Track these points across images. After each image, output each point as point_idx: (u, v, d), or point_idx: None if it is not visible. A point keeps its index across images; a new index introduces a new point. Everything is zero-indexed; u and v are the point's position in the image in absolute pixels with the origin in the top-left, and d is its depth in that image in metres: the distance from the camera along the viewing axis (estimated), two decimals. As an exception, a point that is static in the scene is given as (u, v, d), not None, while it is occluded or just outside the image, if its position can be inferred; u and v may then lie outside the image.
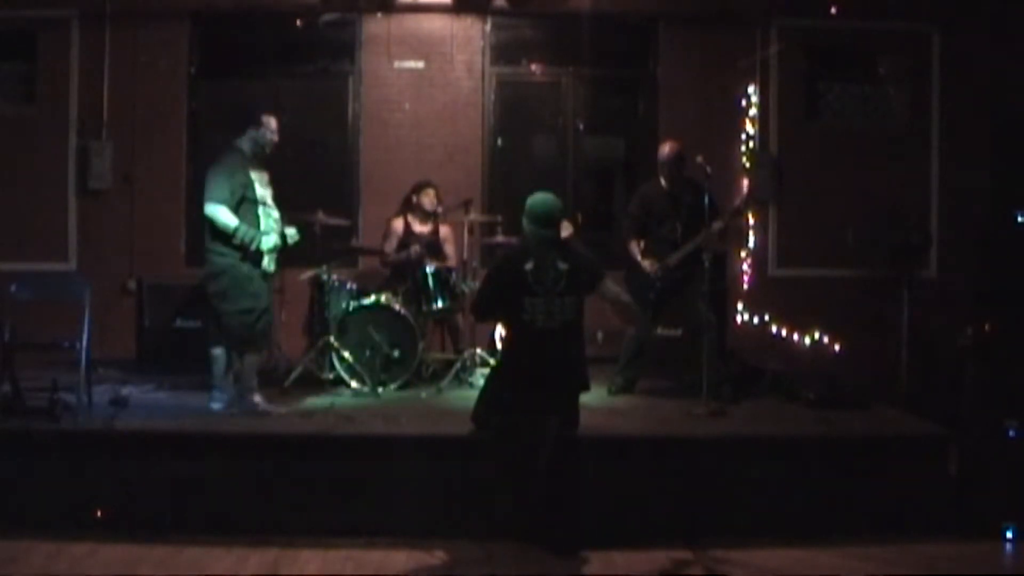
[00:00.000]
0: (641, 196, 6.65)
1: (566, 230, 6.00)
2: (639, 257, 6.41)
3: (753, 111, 8.31)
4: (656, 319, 6.56)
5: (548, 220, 5.07)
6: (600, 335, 7.53)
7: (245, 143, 5.83)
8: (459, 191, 7.57)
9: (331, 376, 6.62)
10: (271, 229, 5.75)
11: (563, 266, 4.99)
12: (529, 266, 4.98)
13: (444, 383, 6.59)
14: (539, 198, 5.16)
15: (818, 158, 8.30)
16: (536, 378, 4.96)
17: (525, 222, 5.12)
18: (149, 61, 8.10)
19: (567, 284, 4.97)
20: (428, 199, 7.28)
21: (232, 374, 5.82)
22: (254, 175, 5.77)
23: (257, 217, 5.69)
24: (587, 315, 5.15)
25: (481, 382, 5.86)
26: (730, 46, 8.33)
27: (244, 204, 5.65)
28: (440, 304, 6.74)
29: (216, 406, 5.78)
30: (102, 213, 8.07)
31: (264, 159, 5.92)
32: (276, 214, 5.86)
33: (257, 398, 5.74)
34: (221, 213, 5.59)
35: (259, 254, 5.67)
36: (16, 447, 5.11)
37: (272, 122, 5.89)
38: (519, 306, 4.96)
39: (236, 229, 5.57)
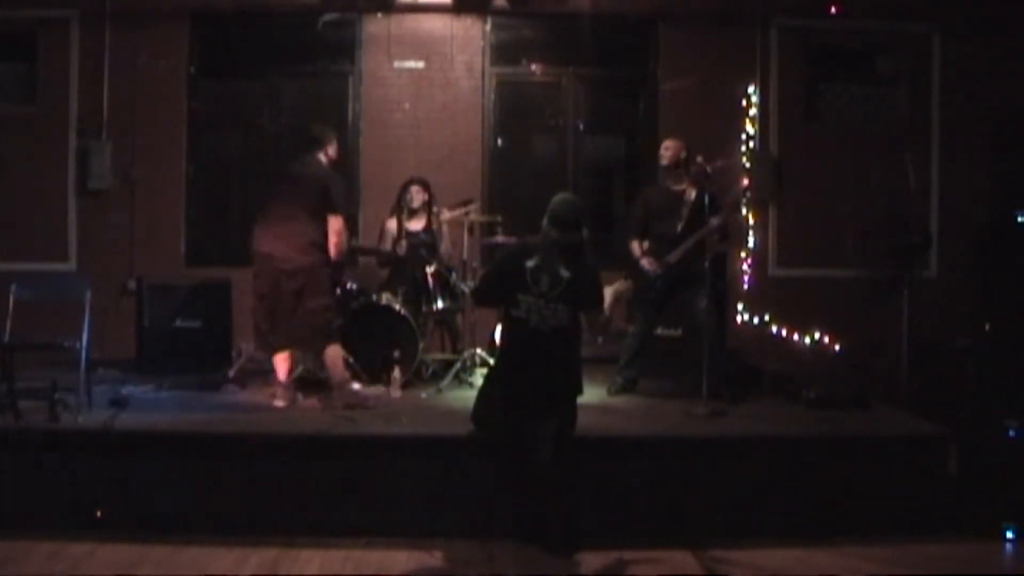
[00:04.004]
0: (644, 196, 6.66)
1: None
2: (639, 256, 6.41)
3: (753, 111, 8.31)
4: (658, 319, 6.55)
5: (560, 222, 5.03)
6: (600, 336, 7.52)
7: (331, 153, 6.07)
8: (459, 191, 7.56)
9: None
10: None
11: (565, 274, 4.96)
12: (531, 263, 4.97)
13: (444, 383, 6.59)
14: (559, 198, 5.15)
15: (818, 158, 8.30)
16: (527, 378, 4.95)
17: (544, 219, 5.11)
18: (149, 61, 8.11)
19: (564, 292, 4.95)
20: (415, 195, 7.27)
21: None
22: None
23: None
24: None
25: (481, 382, 5.86)
26: (730, 46, 8.34)
27: None
28: (440, 304, 6.74)
29: (280, 403, 5.92)
30: (102, 213, 8.08)
31: None
32: None
33: (356, 386, 5.98)
34: (344, 237, 5.91)
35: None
36: (15, 447, 5.11)
37: None
38: (513, 302, 4.96)
39: (340, 254, 5.91)
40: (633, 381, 6.55)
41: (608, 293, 5.23)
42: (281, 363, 5.93)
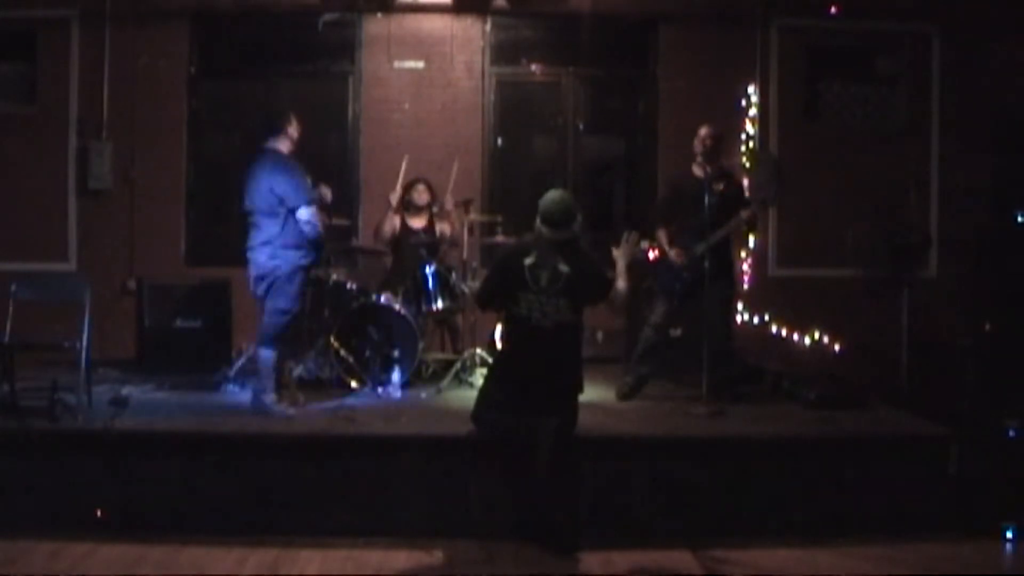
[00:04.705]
0: (672, 182, 6.58)
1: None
2: (666, 246, 6.29)
3: (753, 111, 8.31)
4: (680, 311, 6.36)
5: (549, 220, 5.03)
6: (600, 335, 7.52)
7: (285, 144, 5.84)
8: (459, 191, 7.56)
9: (331, 376, 6.61)
10: None
11: (564, 268, 4.96)
12: (529, 261, 4.98)
13: (444, 383, 6.59)
14: (548, 196, 5.12)
15: (818, 158, 8.30)
16: (527, 376, 4.95)
17: (536, 218, 5.11)
18: (149, 61, 8.11)
19: (564, 286, 4.95)
20: (419, 194, 7.29)
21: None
22: None
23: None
24: (585, 314, 5.14)
25: (481, 382, 5.86)
26: (730, 46, 8.34)
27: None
28: (440, 304, 6.74)
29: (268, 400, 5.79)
30: (102, 213, 8.08)
31: None
32: None
33: (269, 398, 5.70)
34: (316, 218, 5.74)
35: (315, 263, 5.94)
36: (15, 447, 5.11)
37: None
38: (514, 300, 4.97)
39: (320, 237, 5.78)
40: (644, 380, 6.35)
41: (619, 256, 5.15)
42: (282, 365, 5.92)
